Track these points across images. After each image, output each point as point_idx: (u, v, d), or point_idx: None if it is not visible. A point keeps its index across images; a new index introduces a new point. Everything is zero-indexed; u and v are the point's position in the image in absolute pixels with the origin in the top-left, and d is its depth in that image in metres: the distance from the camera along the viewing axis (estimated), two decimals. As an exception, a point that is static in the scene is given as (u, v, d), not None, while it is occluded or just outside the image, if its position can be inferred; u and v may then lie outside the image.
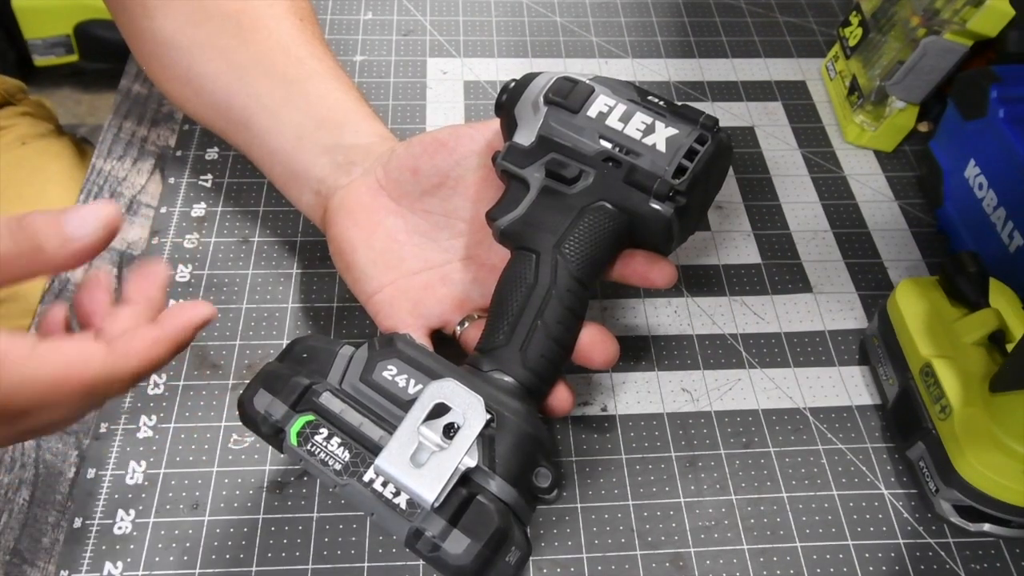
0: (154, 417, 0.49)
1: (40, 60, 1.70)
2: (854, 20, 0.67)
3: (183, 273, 0.55)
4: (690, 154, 0.45)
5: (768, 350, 0.54)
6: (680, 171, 0.44)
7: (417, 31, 0.72)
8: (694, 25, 0.74)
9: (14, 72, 0.82)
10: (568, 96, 0.46)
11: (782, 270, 0.58)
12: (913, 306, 0.49)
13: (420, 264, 0.48)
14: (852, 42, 0.67)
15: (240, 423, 0.48)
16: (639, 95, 0.47)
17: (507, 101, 0.48)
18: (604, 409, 0.51)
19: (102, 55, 1.69)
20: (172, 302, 0.53)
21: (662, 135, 0.45)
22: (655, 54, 0.72)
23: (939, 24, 0.59)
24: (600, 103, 0.46)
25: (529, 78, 0.48)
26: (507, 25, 0.73)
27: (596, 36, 0.73)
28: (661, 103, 0.46)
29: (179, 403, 0.49)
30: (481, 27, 0.73)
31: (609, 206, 0.45)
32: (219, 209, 0.59)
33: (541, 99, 0.47)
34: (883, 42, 0.64)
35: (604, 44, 0.72)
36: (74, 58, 1.71)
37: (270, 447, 0.48)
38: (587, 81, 0.47)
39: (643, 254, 0.46)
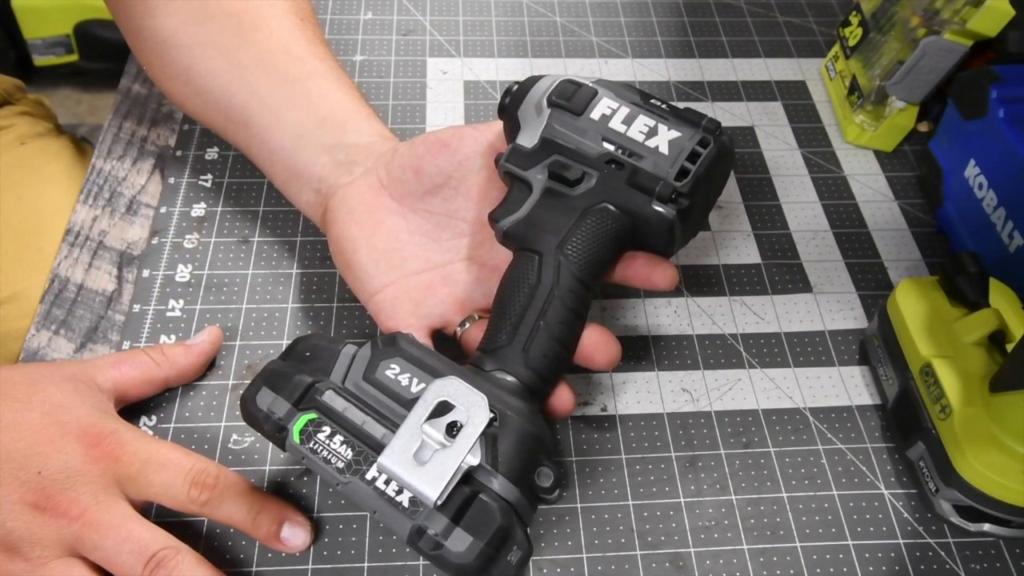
0: (154, 417, 0.49)
1: (40, 60, 1.70)
2: (854, 20, 0.67)
3: (183, 273, 0.55)
4: (692, 157, 0.45)
5: (768, 350, 0.54)
6: (683, 173, 0.44)
7: (417, 31, 0.72)
8: (694, 25, 0.75)
9: (14, 72, 0.82)
10: (571, 98, 0.47)
11: (782, 270, 0.58)
12: (913, 306, 0.49)
13: (422, 264, 0.48)
14: (852, 42, 0.67)
15: (240, 423, 0.48)
16: (642, 98, 0.47)
17: (510, 104, 0.48)
18: (604, 409, 0.51)
19: (102, 55, 1.69)
20: (172, 302, 0.53)
21: (665, 138, 0.45)
22: (655, 54, 0.72)
23: (939, 24, 0.59)
24: (603, 106, 0.46)
25: (532, 81, 0.48)
26: (507, 25, 0.73)
27: (596, 36, 0.73)
28: (664, 106, 0.46)
29: (179, 403, 0.49)
30: (481, 27, 0.73)
31: (612, 208, 0.45)
32: (219, 209, 0.58)
33: (544, 101, 0.47)
34: (883, 42, 0.64)
35: (604, 44, 0.72)
36: (74, 58, 1.71)
37: (270, 447, 0.48)
38: (590, 84, 0.47)
39: (645, 256, 0.46)
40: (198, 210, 0.58)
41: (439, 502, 0.36)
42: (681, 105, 0.47)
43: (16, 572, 0.40)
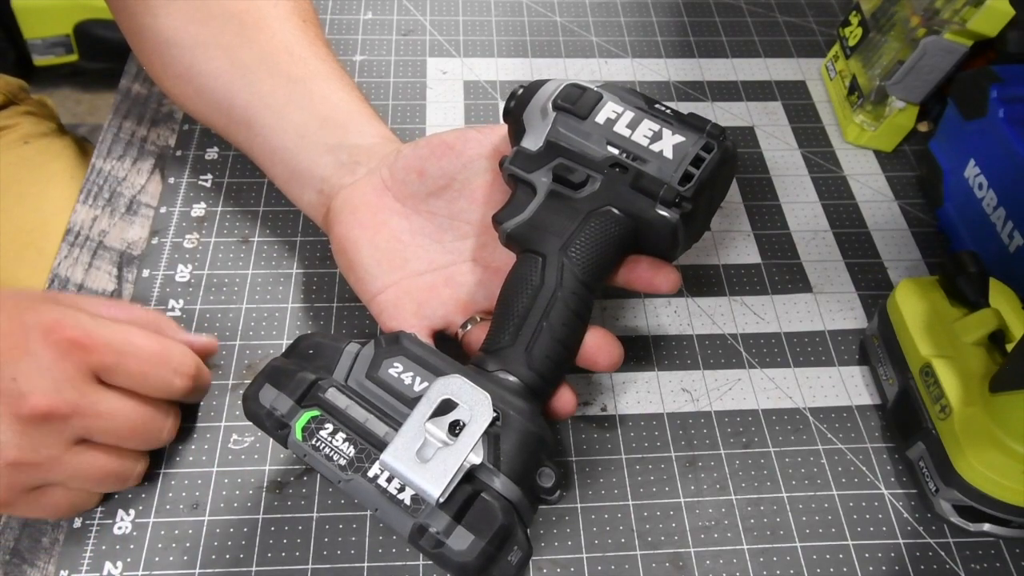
0: (155, 416, 0.49)
1: (40, 60, 1.70)
2: (854, 20, 0.67)
3: (183, 273, 0.55)
4: (696, 161, 0.45)
5: (768, 350, 0.54)
6: (686, 178, 0.45)
7: (417, 31, 0.72)
8: (694, 25, 0.75)
9: (14, 72, 0.82)
10: (577, 102, 0.47)
11: (782, 270, 0.58)
12: (913, 306, 0.49)
13: (425, 265, 0.48)
14: (852, 42, 0.67)
15: (240, 423, 0.48)
16: (646, 103, 0.47)
17: (515, 107, 0.48)
18: (604, 409, 0.51)
19: (102, 55, 1.69)
20: (172, 302, 0.53)
21: (669, 142, 0.45)
22: (655, 54, 0.72)
23: (939, 24, 0.59)
24: (608, 110, 0.47)
25: (537, 85, 0.48)
26: (507, 25, 0.73)
27: (596, 36, 0.73)
28: (668, 111, 0.47)
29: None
30: (481, 27, 0.73)
31: (615, 211, 0.45)
32: (219, 209, 0.59)
33: (550, 105, 0.47)
34: (883, 42, 0.64)
35: (604, 44, 0.72)
36: (74, 58, 1.71)
37: (270, 447, 0.48)
38: (595, 88, 0.48)
39: (648, 260, 0.46)
40: (198, 210, 0.58)
41: (441, 500, 0.36)
42: (681, 105, 0.47)
43: (34, 480, 0.40)
